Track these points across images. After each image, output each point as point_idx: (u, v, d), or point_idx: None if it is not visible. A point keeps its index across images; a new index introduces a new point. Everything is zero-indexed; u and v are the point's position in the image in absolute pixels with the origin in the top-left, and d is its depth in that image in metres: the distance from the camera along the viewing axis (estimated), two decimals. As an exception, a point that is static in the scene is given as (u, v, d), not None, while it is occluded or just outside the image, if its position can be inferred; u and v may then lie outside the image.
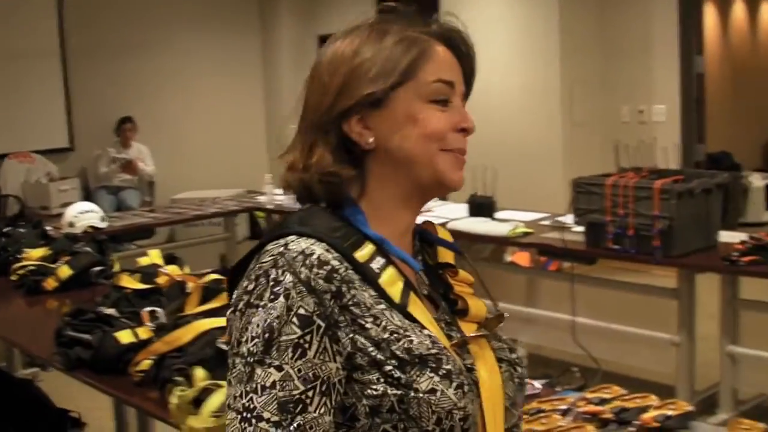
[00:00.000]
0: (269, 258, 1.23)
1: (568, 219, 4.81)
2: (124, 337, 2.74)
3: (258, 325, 1.19)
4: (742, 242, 4.35)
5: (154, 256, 3.56)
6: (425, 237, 1.45)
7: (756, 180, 9.94)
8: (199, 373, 2.33)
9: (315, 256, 1.22)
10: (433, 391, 1.19)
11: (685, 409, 2.31)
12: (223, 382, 1.63)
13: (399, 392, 1.19)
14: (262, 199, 7.01)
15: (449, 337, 1.30)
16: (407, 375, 1.20)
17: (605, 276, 5.45)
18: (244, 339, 1.20)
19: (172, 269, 3.33)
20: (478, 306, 1.39)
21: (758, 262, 4.12)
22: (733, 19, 11.14)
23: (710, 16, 10.59)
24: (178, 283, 3.17)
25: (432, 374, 1.20)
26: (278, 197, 6.82)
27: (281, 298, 1.19)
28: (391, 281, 1.27)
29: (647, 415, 2.27)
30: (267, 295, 1.20)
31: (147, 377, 2.55)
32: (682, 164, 7.37)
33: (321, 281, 1.20)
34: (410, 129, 1.31)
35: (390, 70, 1.31)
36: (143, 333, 2.75)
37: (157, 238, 8.74)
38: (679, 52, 7.55)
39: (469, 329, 1.36)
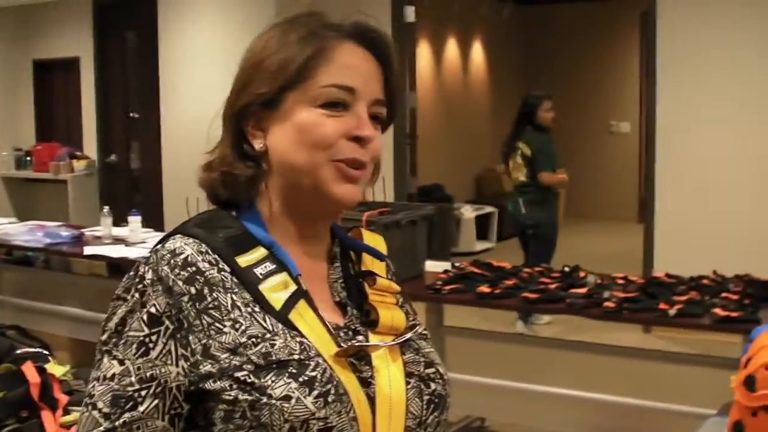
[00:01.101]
0: (147, 254, 1.23)
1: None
2: None
3: (116, 316, 1.20)
4: (446, 271, 4.57)
5: None
6: (349, 243, 1.39)
7: (467, 211, 10.40)
8: None
9: (183, 257, 1.19)
10: (287, 397, 1.13)
11: None
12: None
13: (251, 398, 1.13)
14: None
15: (346, 341, 1.25)
16: (261, 380, 1.13)
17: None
18: (104, 327, 1.21)
19: None
20: (393, 317, 1.32)
21: (459, 290, 4.34)
22: (446, 58, 11.65)
23: (424, 53, 11.02)
24: None
25: (290, 380, 1.14)
26: None
27: (137, 294, 1.19)
28: (277, 288, 1.21)
29: None
30: (131, 289, 1.20)
31: None
32: (395, 196, 7.64)
33: (180, 282, 1.17)
34: (296, 135, 1.24)
35: (284, 69, 1.24)
36: None
37: None
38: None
39: (382, 341, 1.27)
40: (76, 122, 9.68)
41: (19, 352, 3.03)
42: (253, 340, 1.16)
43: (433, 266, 4.73)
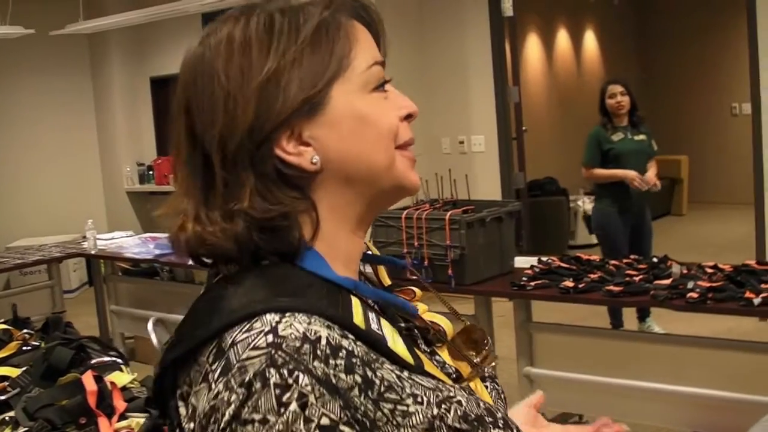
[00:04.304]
0: (257, 353, 0.89)
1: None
2: None
3: None
4: (531, 267, 4.53)
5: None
6: (364, 257, 1.18)
7: (585, 203, 10.24)
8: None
9: (324, 342, 0.91)
10: None
11: None
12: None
13: None
14: (86, 245, 6.92)
15: (448, 375, 1.11)
16: None
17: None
18: None
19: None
20: (447, 326, 1.20)
21: (544, 285, 4.30)
22: (557, 49, 11.51)
23: (533, 46, 10.94)
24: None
25: (495, 430, 1.01)
26: (102, 242, 6.79)
27: (294, 407, 0.87)
28: (394, 339, 1.00)
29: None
30: (269, 404, 0.87)
31: None
32: (502, 193, 7.61)
33: (343, 375, 0.90)
34: (363, 130, 1.04)
35: (317, 64, 1.02)
36: None
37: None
38: (493, 82, 7.78)
39: (441, 352, 1.17)
40: (191, 135, 9.95)
41: (94, 361, 3.16)
42: (444, 406, 0.97)
43: (522, 262, 4.70)
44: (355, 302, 0.99)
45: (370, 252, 1.22)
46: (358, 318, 0.97)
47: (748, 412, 3.67)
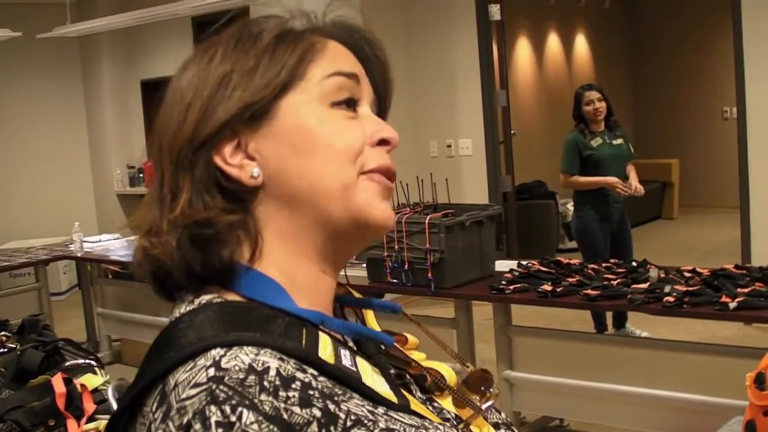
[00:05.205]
0: (196, 391, 0.77)
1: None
2: None
3: None
4: (511, 271, 4.54)
5: None
6: (345, 300, 1.08)
7: (572, 207, 10.19)
8: None
9: (273, 373, 0.79)
10: None
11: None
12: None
13: None
14: (72, 247, 6.93)
15: (446, 420, 0.99)
16: None
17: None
18: None
19: None
20: (449, 374, 1.06)
21: (523, 289, 4.31)
22: (548, 52, 11.51)
23: (523, 50, 10.95)
24: None
25: None
26: (88, 245, 6.80)
27: None
28: (371, 375, 0.89)
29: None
30: None
31: None
32: (489, 196, 7.61)
33: (297, 409, 0.77)
34: (309, 145, 0.93)
35: (271, 71, 0.95)
36: None
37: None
38: (481, 86, 7.79)
39: (441, 400, 1.04)
40: (181, 138, 9.99)
41: (68, 364, 3.18)
42: None
43: (503, 266, 4.71)
44: (323, 338, 0.88)
45: (351, 296, 1.09)
46: (324, 353, 0.85)
47: (720, 415, 3.68)
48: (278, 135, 0.93)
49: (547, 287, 4.19)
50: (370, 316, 1.08)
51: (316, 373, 0.82)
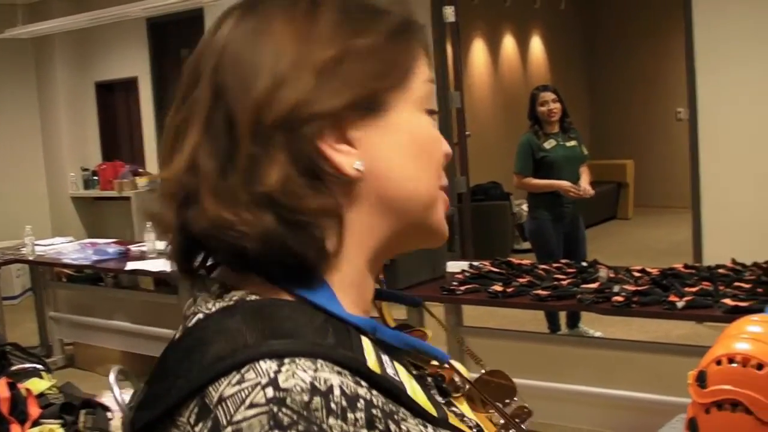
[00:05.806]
0: (255, 412, 0.70)
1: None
2: None
3: None
4: (462, 272, 4.56)
5: None
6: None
7: (527, 208, 10.24)
8: None
9: (337, 392, 0.72)
10: None
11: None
12: None
13: None
14: (24, 251, 6.86)
15: (470, 428, 0.93)
16: None
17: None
18: None
19: None
20: (465, 372, 1.01)
21: (474, 290, 4.33)
22: (503, 54, 11.57)
23: (478, 51, 10.99)
24: None
25: None
26: (40, 248, 6.74)
27: None
28: (413, 387, 0.81)
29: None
30: None
31: None
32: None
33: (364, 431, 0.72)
34: (417, 150, 0.86)
35: (390, 61, 0.86)
36: None
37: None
38: (435, 88, 7.79)
39: (459, 403, 0.99)
40: (137, 140, 9.95)
41: (14, 368, 3.15)
42: None
43: (454, 267, 4.72)
44: (366, 342, 0.79)
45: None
46: (371, 361, 0.77)
47: (670, 413, 3.71)
48: (387, 128, 0.85)
49: (498, 288, 4.21)
50: (386, 309, 1.01)
51: (368, 386, 0.75)
